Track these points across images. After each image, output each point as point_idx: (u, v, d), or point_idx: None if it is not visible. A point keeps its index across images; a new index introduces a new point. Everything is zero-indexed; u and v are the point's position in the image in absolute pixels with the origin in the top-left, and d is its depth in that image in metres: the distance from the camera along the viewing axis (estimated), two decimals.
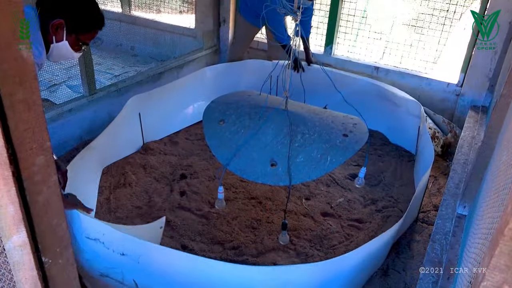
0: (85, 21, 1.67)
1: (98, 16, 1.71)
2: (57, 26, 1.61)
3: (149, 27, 4.98)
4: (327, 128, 2.07)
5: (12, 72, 0.74)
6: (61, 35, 1.63)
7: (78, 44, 1.70)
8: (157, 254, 1.77)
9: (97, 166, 2.79)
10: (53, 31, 1.61)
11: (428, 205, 2.75)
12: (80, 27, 1.66)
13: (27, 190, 0.83)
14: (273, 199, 2.73)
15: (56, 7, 1.61)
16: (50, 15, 1.59)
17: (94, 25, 1.71)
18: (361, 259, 1.93)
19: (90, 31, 1.71)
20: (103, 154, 2.82)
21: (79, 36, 1.68)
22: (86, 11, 1.67)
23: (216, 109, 2.25)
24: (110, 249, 1.82)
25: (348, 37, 4.01)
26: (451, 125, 3.28)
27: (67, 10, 1.62)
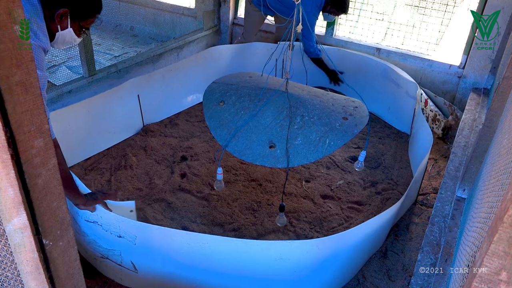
0: (86, 7, 1.71)
1: (97, 1, 1.75)
2: (62, 14, 1.64)
3: (149, 7, 4.92)
4: (327, 110, 2.06)
5: (9, 54, 0.73)
6: (66, 23, 1.66)
7: (80, 30, 1.74)
8: (152, 234, 1.78)
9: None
10: (58, 20, 1.64)
11: (427, 188, 2.76)
12: (82, 13, 1.70)
13: (26, 173, 0.83)
14: (273, 181, 2.74)
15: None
16: (53, 5, 1.62)
17: (95, 9, 1.75)
18: (359, 239, 1.94)
19: (92, 16, 1.75)
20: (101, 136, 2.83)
21: (81, 22, 1.72)
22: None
23: (216, 90, 2.24)
24: (108, 232, 1.84)
25: (350, 18, 3.96)
26: (452, 107, 3.26)
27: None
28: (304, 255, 1.81)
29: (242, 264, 1.84)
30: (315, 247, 1.79)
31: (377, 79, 3.58)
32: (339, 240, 1.84)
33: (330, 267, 1.94)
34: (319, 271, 1.91)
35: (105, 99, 2.85)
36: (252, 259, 1.81)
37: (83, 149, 2.81)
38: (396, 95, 3.43)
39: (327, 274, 1.97)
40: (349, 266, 2.07)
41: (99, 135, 2.89)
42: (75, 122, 2.67)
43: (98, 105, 2.81)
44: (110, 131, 2.96)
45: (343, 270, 2.05)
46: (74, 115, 2.65)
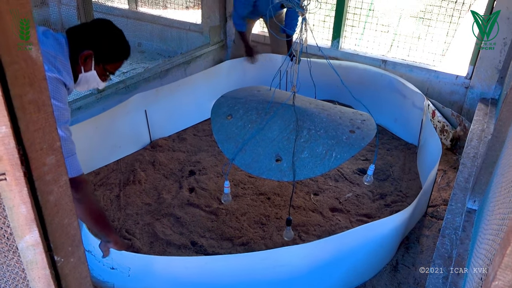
0: (113, 52, 1.71)
1: (125, 47, 1.75)
2: (86, 56, 1.64)
3: (156, 23, 4.98)
4: (335, 124, 2.06)
5: (22, 73, 0.74)
6: (90, 65, 1.66)
7: (105, 73, 1.74)
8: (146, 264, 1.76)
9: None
10: (82, 62, 1.64)
11: (437, 199, 2.74)
12: (107, 57, 1.69)
13: (38, 190, 0.84)
14: (282, 195, 2.73)
15: (86, 38, 1.64)
16: (79, 46, 1.62)
17: (121, 55, 1.74)
18: (361, 242, 1.94)
19: (117, 61, 1.74)
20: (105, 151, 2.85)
21: (106, 66, 1.71)
22: (114, 42, 1.71)
23: (224, 103, 2.25)
24: (100, 263, 1.83)
25: (355, 30, 3.98)
26: (460, 118, 3.25)
27: (96, 42, 1.65)
28: (301, 260, 1.81)
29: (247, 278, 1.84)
30: (313, 249, 1.78)
31: (383, 91, 3.59)
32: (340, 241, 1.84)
33: (333, 271, 1.93)
34: (320, 276, 1.91)
35: (112, 114, 2.88)
36: (252, 270, 1.81)
37: (91, 163, 2.83)
38: (403, 107, 3.42)
39: (331, 279, 1.97)
40: (355, 272, 2.06)
41: (107, 149, 2.91)
42: (84, 138, 2.69)
43: (106, 120, 2.83)
44: (117, 145, 2.98)
45: (349, 277, 2.03)
46: (83, 131, 2.68)
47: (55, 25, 5.59)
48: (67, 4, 5.53)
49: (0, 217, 0.84)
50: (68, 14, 5.44)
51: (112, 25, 1.74)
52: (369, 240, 2.01)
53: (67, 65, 1.58)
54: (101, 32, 1.68)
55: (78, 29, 1.68)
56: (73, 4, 5.24)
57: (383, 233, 2.06)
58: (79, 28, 1.68)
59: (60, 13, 5.58)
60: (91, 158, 2.81)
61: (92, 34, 1.66)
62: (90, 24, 1.72)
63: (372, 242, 2.03)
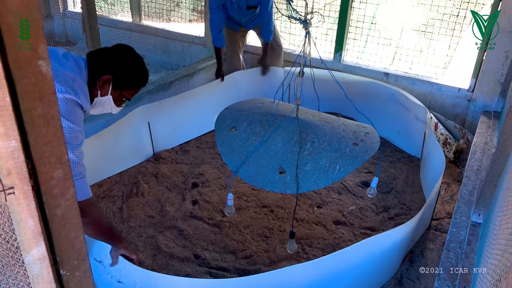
0: (132, 78, 1.72)
1: (144, 74, 1.76)
2: (105, 81, 1.64)
3: (159, 36, 5.02)
4: (338, 136, 2.07)
5: (32, 88, 0.75)
6: (107, 90, 1.66)
7: (121, 99, 1.74)
8: (153, 281, 1.75)
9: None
10: (100, 86, 1.64)
11: (441, 213, 2.73)
12: (126, 83, 1.70)
13: (46, 204, 0.84)
14: (285, 207, 2.72)
15: (106, 63, 1.65)
16: (99, 70, 1.63)
17: (139, 82, 1.75)
18: (366, 256, 1.92)
19: (135, 88, 1.75)
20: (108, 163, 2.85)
21: (123, 91, 1.71)
22: (134, 69, 1.72)
23: (228, 116, 2.26)
24: (109, 275, 1.83)
25: (358, 44, 4.00)
26: (463, 131, 3.25)
27: (116, 67, 1.66)
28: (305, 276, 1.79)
29: None
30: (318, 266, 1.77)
31: (386, 103, 3.60)
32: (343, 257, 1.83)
33: (337, 285, 1.92)
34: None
35: (116, 126, 2.88)
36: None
37: (94, 175, 2.82)
38: (406, 119, 3.43)
39: None
40: (360, 286, 2.04)
41: (110, 161, 2.92)
42: (87, 150, 2.68)
43: (109, 132, 2.84)
44: (120, 157, 2.99)
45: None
46: (86, 143, 2.67)
47: (60, 37, 5.65)
48: (72, 17, 5.60)
49: (8, 231, 0.84)
50: (73, 27, 5.51)
51: (133, 51, 1.76)
52: (373, 253, 2.00)
53: (85, 88, 1.59)
54: (121, 58, 1.69)
55: (99, 53, 1.69)
56: (78, 17, 5.30)
57: (387, 246, 2.05)
58: (100, 52, 1.70)
59: (64, 26, 5.64)
60: (94, 170, 2.81)
61: (112, 59, 1.67)
62: (112, 49, 1.73)
63: (376, 255, 2.02)
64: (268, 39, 3.66)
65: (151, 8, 5.21)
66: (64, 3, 5.65)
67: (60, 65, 1.54)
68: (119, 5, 5.36)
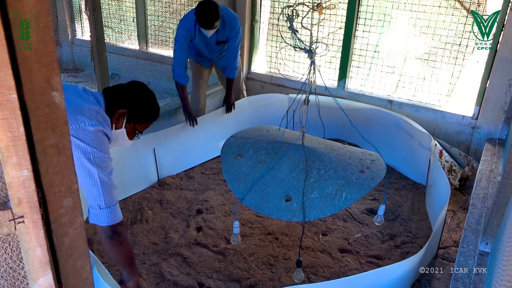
0: (145, 112, 1.83)
1: (156, 109, 1.87)
2: (120, 114, 1.75)
3: (165, 63, 5.09)
4: (344, 164, 2.07)
5: (45, 118, 0.76)
6: (121, 123, 1.77)
7: (134, 133, 1.85)
8: None
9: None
10: (115, 119, 1.75)
11: (447, 241, 2.70)
12: (139, 117, 1.81)
13: (54, 233, 0.84)
14: (290, 235, 2.70)
15: (121, 98, 1.77)
16: (114, 104, 1.74)
17: (152, 116, 1.87)
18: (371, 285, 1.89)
19: (147, 122, 1.87)
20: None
21: (136, 125, 1.83)
22: (147, 104, 1.83)
23: (234, 143, 2.27)
24: None
25: (361, 71, 4.05)
26: (468, 158, 3.25)
27: (131, 102, 1.77)
28: None
29: None
30: None
31: (390, 130, 3.61)
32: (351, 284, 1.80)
33: None
34: None
35: (121, 152, 2.89)
36: None
37: None
38: (410, 147, 3.43)
39: None
40: None
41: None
42: None
43: (114, 158, 2.84)
44: (125, 183, 2.99)
45: None
46: None
47: (67, 64, 5.74)
48: (80, 44, 5.70)
49: (16, 260, 0.84)
50: (81, 55, 5.61)
51: (146, 88, 1.87)
52: (381, 284, 1.97)
53: (108, 119, 1.70)
54: (136, 93, 1.81)
55: (114, 89, 1.81)
56: (86, 44, 5.40)
57: (394, 277, 2.02)
58: (115, 89, 1.81)
59: (72, 54, 5.74)
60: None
61: (127, 95, 1.78)
62: (126, 85, 1.85)
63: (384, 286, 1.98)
64: (233, 75, 3.51)
65: (157, 36, 5.31)
66: (73, 31, 5.77)
67: (84, 100, 1.65)
68: (127, 33, 5.47)
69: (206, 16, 2.98)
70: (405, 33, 3.80)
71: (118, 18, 5.46)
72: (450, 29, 3.53)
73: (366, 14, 3.84)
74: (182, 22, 3.18)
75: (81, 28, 5.76)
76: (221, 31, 3.23)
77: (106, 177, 1.62)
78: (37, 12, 0.69)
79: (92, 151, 1.56)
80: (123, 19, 5.42)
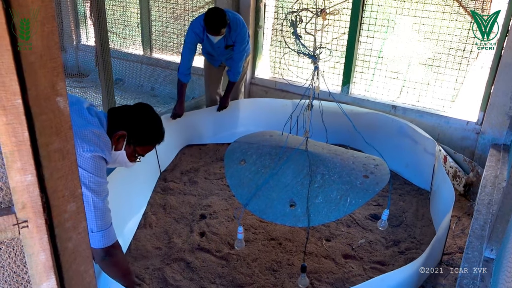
0: (147, 136, 1.81)
1: (159, 133, 1.85)
2: (119, 136, 1.74)
3: (169, 69, 5.12)
4: (348, 169, 2.07)
5: (49, 123, 0.77)
6: (122, 145, 1.76)
7: (134, 155, 1.82)
8: None
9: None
10: (115, 141, 1.74)
11: (452, 247, 2.68)
12: (139, 140, 1.79)
13: (58, 237, 0.85)
14: (293, 240, 2.70)
15: (124, 119, 1.76)
16: (116, 125, 1.74)
17: (154, 140, 1.84)
18: None
19: (149, 145, 1.84)
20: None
21: (136, 147, 1.80)
22: (150, 127, 1.81)
23: (238, 149, 2.27)
24: None
25: (365, 77, 4.05)
26: (473, 164, 3.23)
27: (133, 124, 1.76)
28: None
29: None
30: None
31: (394, 136, 3.60)
32: None
33: None
34: None
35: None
36: None
37: None
38: (414, 152, 3.42)
39: None
40: None
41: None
42: None
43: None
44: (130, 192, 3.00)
45: None
46: None
47: (72, 69, 5.78)
48: (84, 50, 5.74)
49: (19, 264, 0.85)
50: (85, 60, 5.64)
51: (151, 110, 1.85)
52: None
53: (109, 142, 1.69)
54: (138, 115, 1.79)
55: (119, 110, 1.80)
56: (90, 50, 5.44)
57: (397, 282, 2.00)
58: (120, 109, 1.80)
59: (77, 59, 5.77)
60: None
61: (130, 117, 1.77)
62: (132, 107, 1.83)
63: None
64: (235, 79, 3.68)
65: (161, 41, 5.34)
66: (78, 36, 5.81)
67: (86, 122, 1.65)
68: (131, 39, 5.50)
69: (213, 23, 3.17)
70: (409, 39, 3.80)
71: (123, 23, 5.50)
72: (454, 35, 3.53)
73: (370, 19, 3.85)
74: (191, 26, 3.38)
75: (86, 33, 5.80)
76: (228, 36, 3.40)
77: (101, 202, 1.62)
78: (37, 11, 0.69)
79: (88, 176, 1.57)
80: (127, 25, 5.46)
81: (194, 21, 3.40)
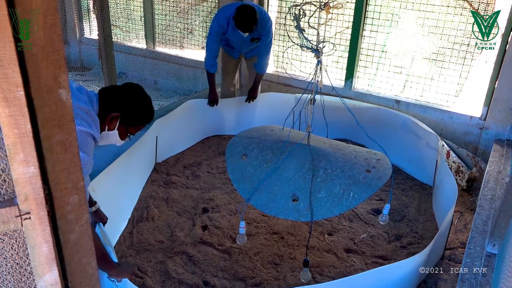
0: (138, 116, 1.82)
1: (150, 112, 1.86)
2: (113, 117, 1.75)
3: (172, 62, 5.12)
4: (350, 163, 2.06)
5: (52, 116, 0.77)
6: (114, 125, 1.77)
7: (126, 134, 1.84)
8: None
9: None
10: (108, 121, 1.74)
11: (454, 242, 2.68)
12: (132, 120, 1.81)
13: (60, 229, 0.85)
14: (295, 234, 2.70)
15: (116, 100, 1.76)
16: (108, 106, 1.74)
17: (145, 120, 1.86)
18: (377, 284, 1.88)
19: (140, 125, 1.86)
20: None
21: (128, 127, 1.82)
22: (141, 107, 1.82)
23: (239, 143, 2.27)
24: None
25: (368, 71, 4.03)
26: (476, 159, 3.22)
27: (125, 105, 1.77)
28: None
29: None
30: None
31: (397, 131, 3.59)
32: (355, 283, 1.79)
33: None
34: None
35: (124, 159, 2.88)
36: None
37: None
38: (417, 147, 3.41)
39: None
40: None
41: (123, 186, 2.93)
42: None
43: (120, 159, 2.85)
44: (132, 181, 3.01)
45: None
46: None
47: (75, 63, 5.78)
48: (88, 43, 5.73)
49: (22, 256, 0.85)
50: (88, 53, 5.64)
51: (142, 90, 1.85)
52: (385, 283, 1.96)
53: (97, 120, 1.68)
54: (130, 96, 1.80)
55: (109, 90, 1.80)
56: (93, 43, 5.44)
57: (399, 276, 2.01)
58: (111, 90, 1.81)
59: (80, 52, 5.77)
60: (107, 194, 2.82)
61: (122, 98, 1.77)
62: (122, 87, 1.83)
63: (389, 285, 1.98)
64: (263, 70, 3.71)
65: (165, 35, 5.33)
66: (81, 30, 5.81)
67: (75, 99, 1.63)
68: (134, 32, 5.49)
69: (246, 21, 3.18)
70: (413, 33, 3.78)
71: (126, 17, 5.49)
72: (459, 29, 3.51)
73: (374, 13, 3.82)
74: (216, 17, 3.39)
75: (89, 27, 5.79)
76: (255, 29, 3.39)
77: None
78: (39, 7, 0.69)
79: None
80: (130, 18, 5.45)
81: (219, 12, 3.41)
